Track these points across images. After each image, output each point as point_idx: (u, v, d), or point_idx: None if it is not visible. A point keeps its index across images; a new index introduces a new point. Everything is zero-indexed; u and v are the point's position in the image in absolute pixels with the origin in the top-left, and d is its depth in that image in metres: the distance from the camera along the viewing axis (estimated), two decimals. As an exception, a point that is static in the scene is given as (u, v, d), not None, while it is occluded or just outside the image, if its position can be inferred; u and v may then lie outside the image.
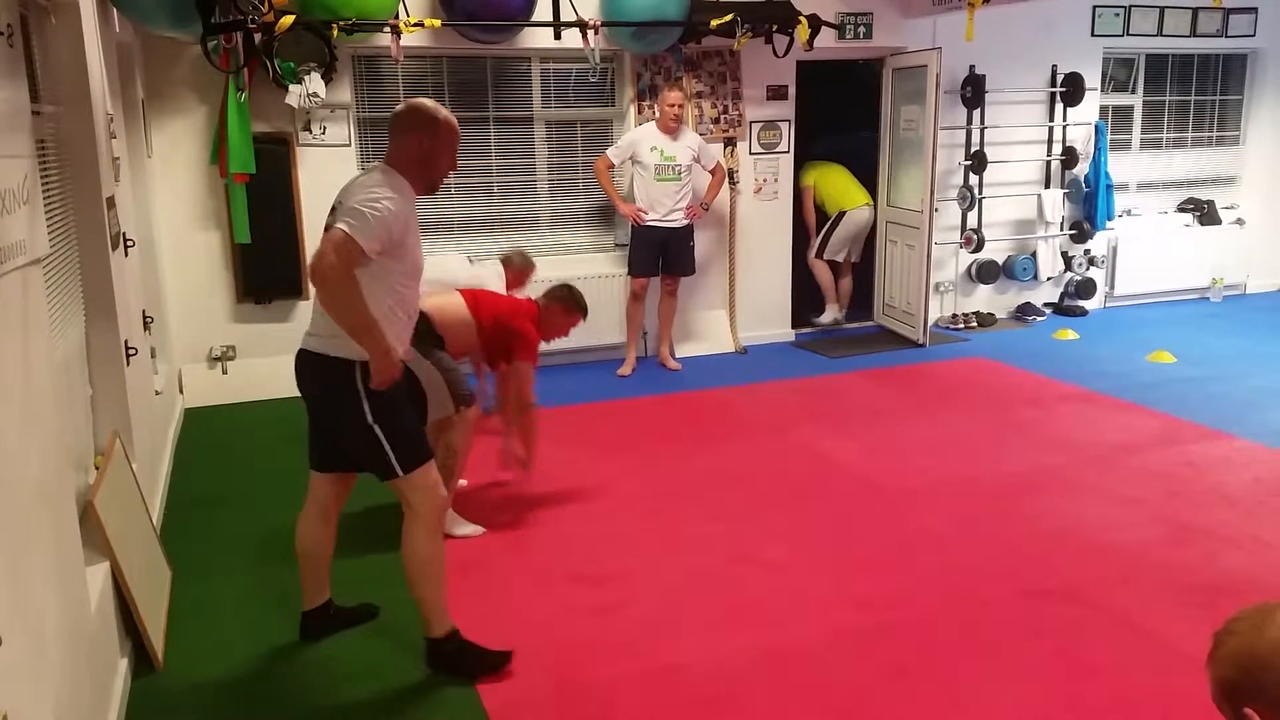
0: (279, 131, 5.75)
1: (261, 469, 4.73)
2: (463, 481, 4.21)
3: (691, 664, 2.97)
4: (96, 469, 3.09)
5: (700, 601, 3.35)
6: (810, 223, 7.24)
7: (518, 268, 5.27)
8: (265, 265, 5.83)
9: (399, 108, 2.90)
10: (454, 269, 4.97)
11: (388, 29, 5.45)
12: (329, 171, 5.90)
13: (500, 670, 2.93)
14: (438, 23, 5.60)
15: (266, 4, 4.94)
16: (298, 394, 2.90)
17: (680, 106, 6.06)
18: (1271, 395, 5.56)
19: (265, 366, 5.77)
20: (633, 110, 6.48)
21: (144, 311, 4.37)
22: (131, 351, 3.66)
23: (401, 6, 5.59)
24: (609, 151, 6.19)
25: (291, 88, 5.44)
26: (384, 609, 3.32)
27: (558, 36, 6.00)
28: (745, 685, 2.85)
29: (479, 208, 6.42)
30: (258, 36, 5.08)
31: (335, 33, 5.29)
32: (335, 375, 2.73)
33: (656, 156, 6.09)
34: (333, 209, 2.77)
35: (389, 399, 2.75)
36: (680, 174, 6.14)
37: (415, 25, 5.50)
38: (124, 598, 2.88)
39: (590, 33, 5.86)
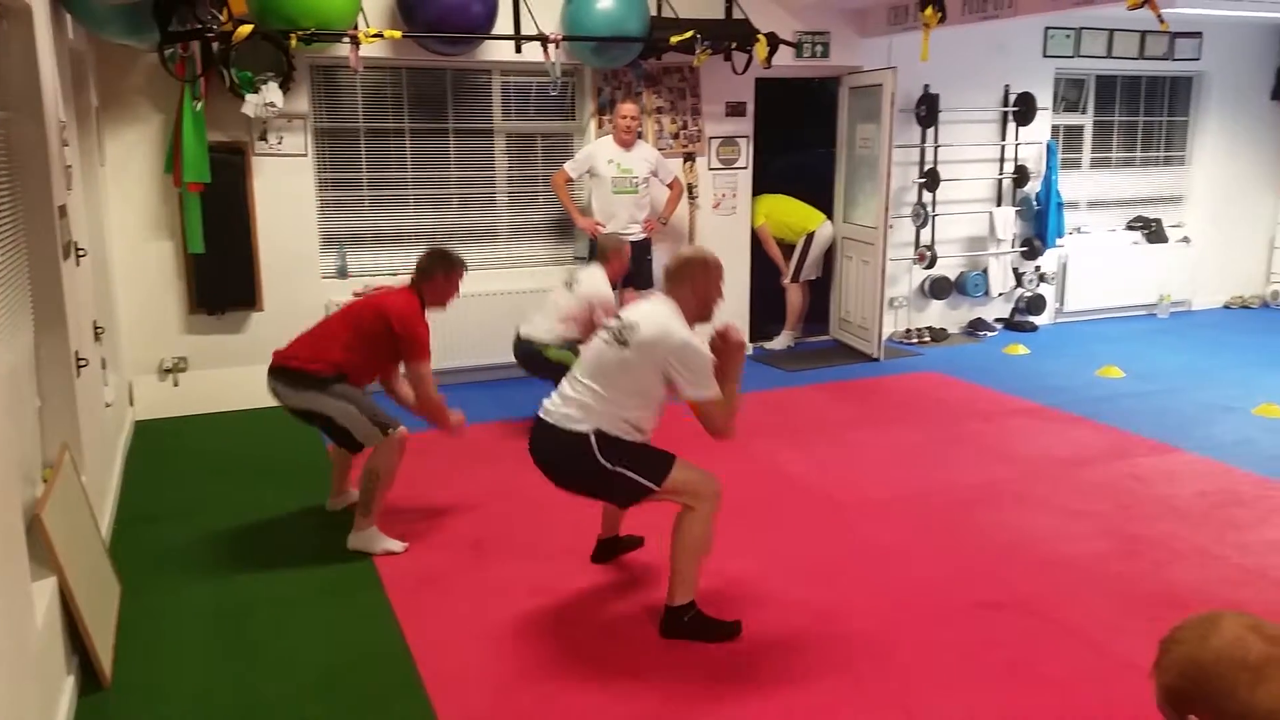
0: (235, 141, 5.69)
1: (213, 483, 4.66)
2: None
3: (649, 676, 2.97)
4: (45, 481, 3.03)
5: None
6: (776, 255, 7.26)
7: (612, 253, 5.38)
8: (219, 276, 5.76)
9: (672, 263, 3.27)
10: (563, 305, 5.14)
11: (347, 39, 5.42)
12: (285, 182, 5.87)
13: (732, 638, 3.19)
14: (398, 34, 5.58)
15: (225, 13, 4.91)
16: (250, 407, 2.88)
17: (635, 119, 6.10)
18: (1216, 410, 5.69)
19: (217, 378, 5.68)
20: (593, 124, 6.51)
21: (95, 322, 4.30)
22: (82, 362, 3.60)
23: (361, 17, 5.57)
24: (566, 165, 6.20)
25: (248, 97, 5.40)
26: (341, 630, 3.29)
27: (518, 50, 6.01)
28: (700, 696, 2.86)
29: (438, 220, 6.40)
30: (215, 45, 5.03)
31: (294, 42, 5.25)
32: (577, 444, 3.12)
33: (613, 169, 6.11)
34: (619, 336, 3.16)
35: (624, 446, 3.17)
36: (637, 186, 6.17)
37: (375, 36, 5.48)
38: (71, 613, 2.83)
39: (551, 46, 5.88)
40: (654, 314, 3.17)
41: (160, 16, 4.13)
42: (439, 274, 4.03)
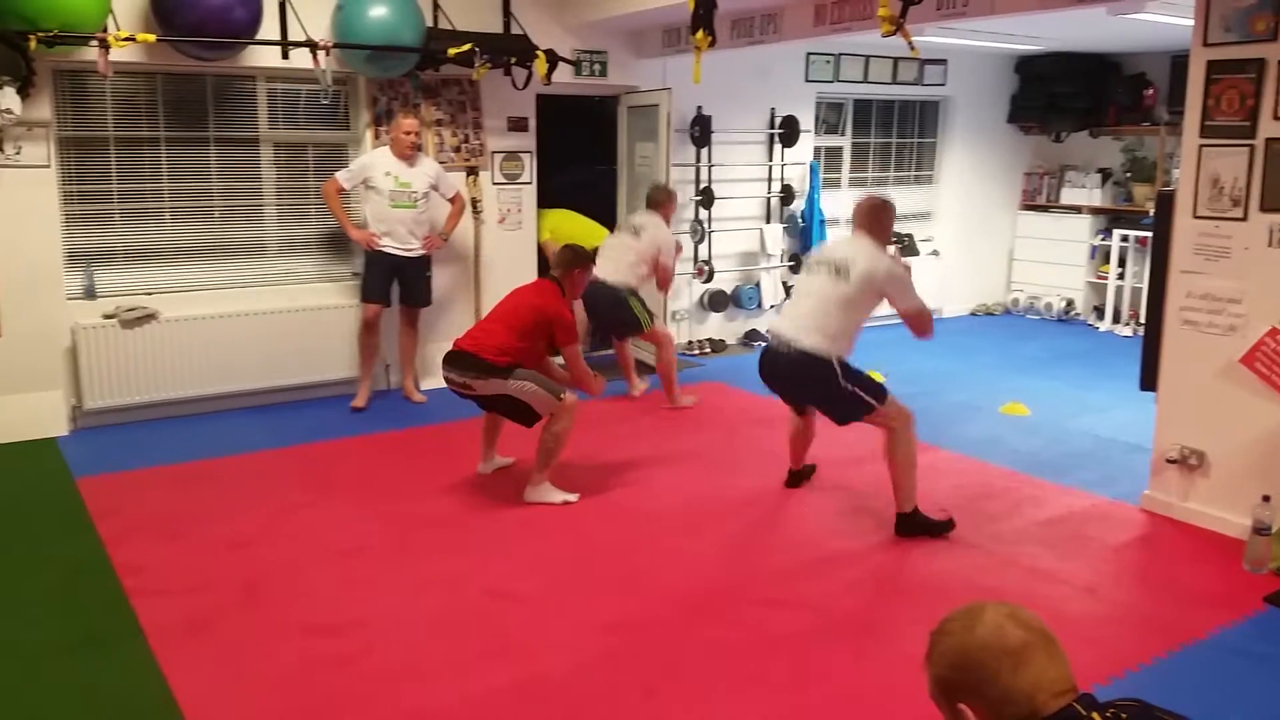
0: (-39, 148, 5.13)
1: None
2: (506, 459, 4.97)
3: (441, 707, 2.89)
4: None
5: (449, 641, 3.27)
6: None
7: (665, 197, 6.17)
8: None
9: (864, 205, 4.20)
10: (634, 249, 6.04)
11: (95, 43, 5.00)
12: (24, 195, 5.35)
13: (947, 535, 4.09)
14: (152, 37, 5.20)
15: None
16: None
17: (417, 134, 5.96)
18: (967, 410, 6.18)
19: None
20: (369, 135, 6.31)
21: None
22: None
23: (111, 19, 5.16)
24: (339, 175, 5.96)
25: (-21, 102, 4.88)
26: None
27: (285, 56, 5.75)
28: (497, 722, 2.81)
29: (199, 234, 6.01)
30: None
31: (33, 44, 4.79)
32: (818, 368, 3.98)
33: (391, 182, 5.91)
34: (839, 271, 4.04)
35: (854, 371, 4.04)
36: (416, 201, 5.99)
37: (126, 40, 5.08)
38: None
39: (321, 54, 5.66)
40: (862, 250, 4.07)
41: None
42: (576, 269, 4.69)
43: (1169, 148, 7.75)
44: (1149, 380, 4.51)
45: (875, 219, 4.17)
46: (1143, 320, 4.87)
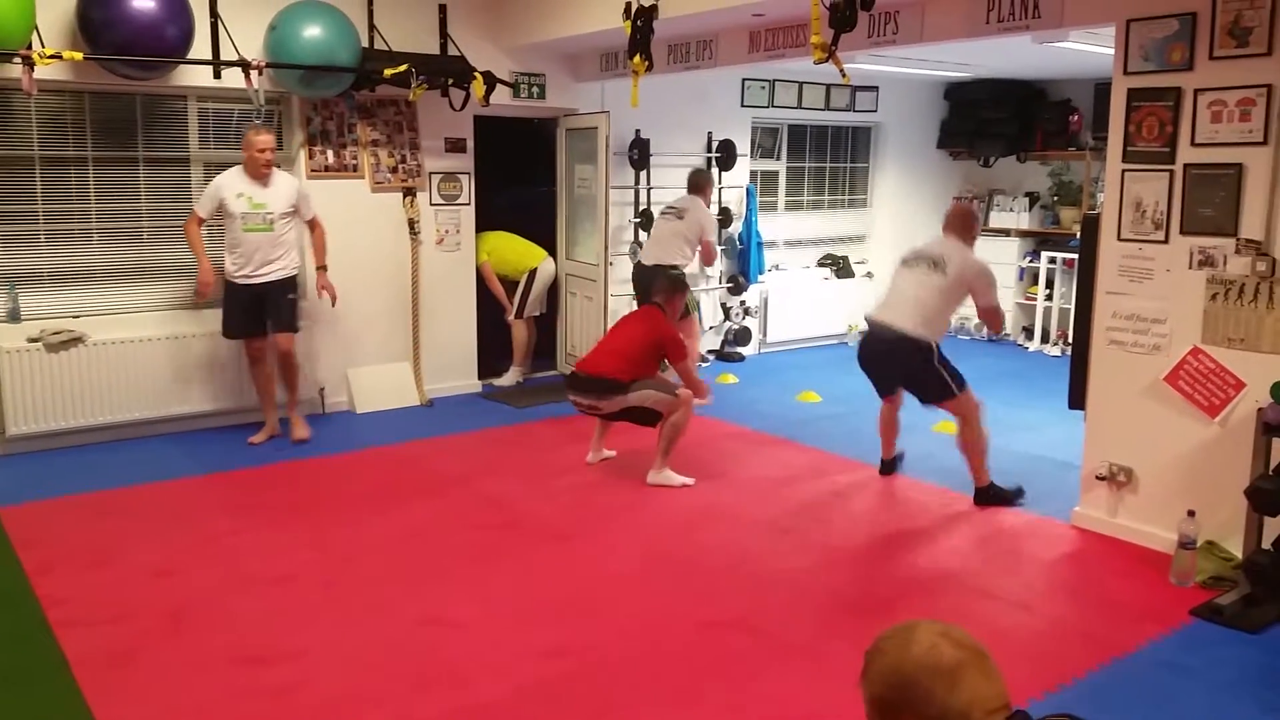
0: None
1: None
2: (610, 452, 5.52)
3: (378, 736, 2.83)
4: None
5: (385, 670, 3.21)
6: (499, 292, 7.25)
7: (704, 181, 6.90)
8: None
9: (953, 212, 5.03)
10: (682, 232, 6.70)
11: (18, 60, 4.87)
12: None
13: (1016, 503, 4.79)
14: (79, 55, 5.09)
15: None
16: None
17: (272, 151, 5.53)
18: (902, 429, 6.22)
19: None
20: (303, 155, 6.23)
21: None
22: None
23: (36, 36, 5.03)
24: (196, 206, 5.57)
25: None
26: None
27: (218, 75, 5.66)
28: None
29: (127, 256, 5.86)
30: None
31: (-50, 59, 4.66)
32: (917, 350, 4.63)
33: (244, 204, 5.48)
34: (936, 266, 4.70)
35: (945, 358, 4.69)
36: (272, 223, 5.53)
37: (52, 57, 4.97)
38: None
39: (254, 73, 5.58)
40: (955, 249, 4.74)
41: None
42: (677, 295, 5.51)
43: (1094, 172, 8.00)
44: (1078, 399, 4.62)
45: (964, 223, 4.84)
46: (1071, 340, 5.00)
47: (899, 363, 4.74)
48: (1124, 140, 4.20)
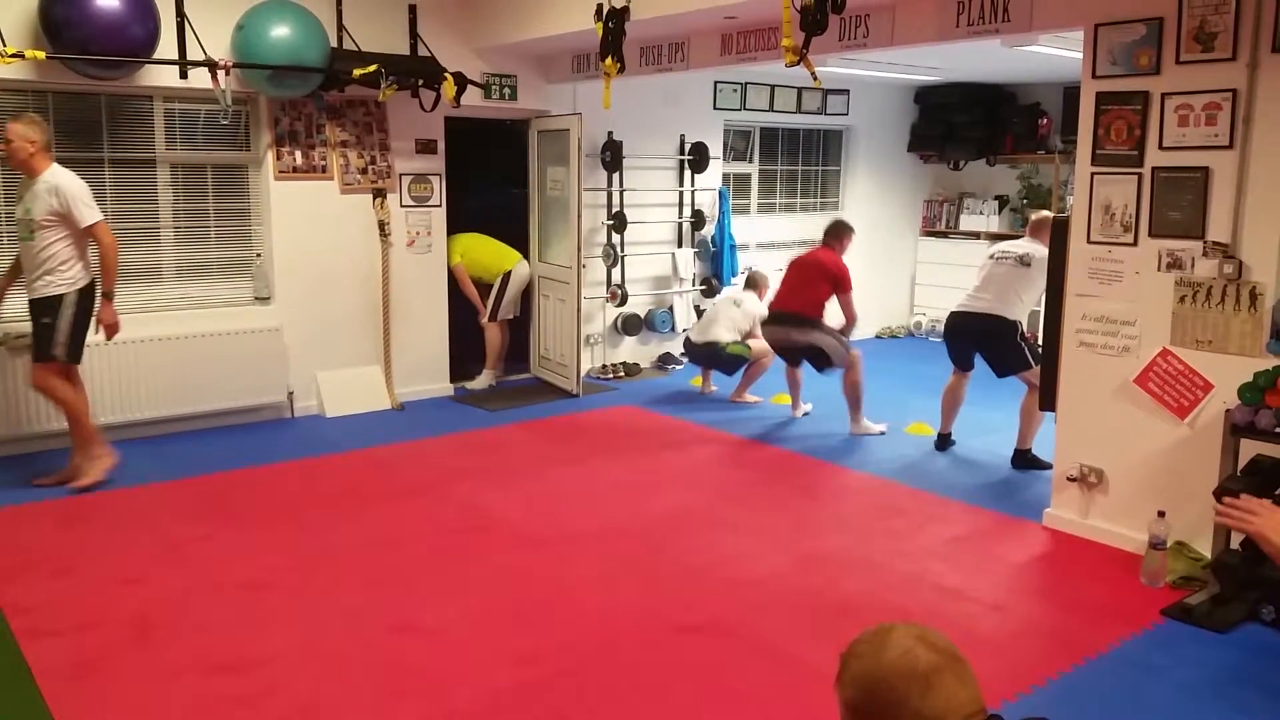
0: None
1: None
2: (808, 406, 6.48)
3: (348, 745, 2.79)
4: None
5: (356, 678, 3.17)
6: (472, 294, 7.20)
7: (760, 282, 7.31)
8: None
9: (1037, 218, 5.65)
10: (735, 318, 6.99)
11: (-23, 58, 4.77)
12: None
13: (1044, 467, 5.15)
14: (41, 54, 5.01)
15: None
16: None
17: (10, 144, 4.63)
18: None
19: None
20: (270, 156, 6.16)
21: None
22: None
23: (-5, 33, 4.94)
24: None
25: None
26: None
27: (184, 75, 5.59)
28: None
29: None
30: None
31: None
32: (1007, 326, 5.49)
33: (19, 209, 4.79)
34: (1023, 261, 5.50)
35: (1023, 335, 5.46)
36: (34, 231, 4.67)
37: (14, 56, 4.88)
38: None
39: (221, 73, 5.51)
40: (1038, 249, 5.31)
41: None
42: (846, 235, 6.31)
43: (1063, 175, 8.06)
44: (1048, 400, 4.65)
45: (1044, 228, 5.24)
46: (1041, 342, 5.04)
47: (986, 337, 5.54)
48: (1093, 143, 4.23)
